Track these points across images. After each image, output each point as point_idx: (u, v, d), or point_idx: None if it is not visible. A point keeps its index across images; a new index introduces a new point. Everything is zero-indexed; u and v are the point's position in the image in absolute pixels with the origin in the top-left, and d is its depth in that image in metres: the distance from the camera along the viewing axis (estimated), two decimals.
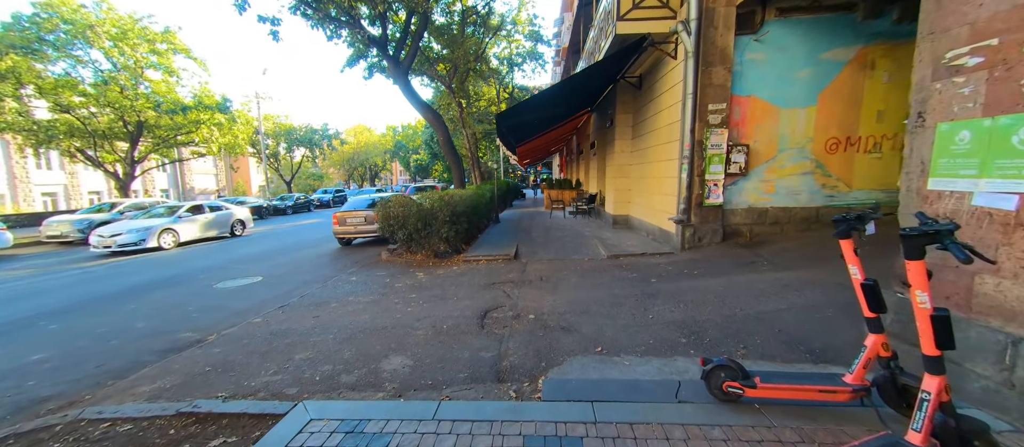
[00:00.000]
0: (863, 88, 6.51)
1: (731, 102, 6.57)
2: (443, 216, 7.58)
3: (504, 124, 7.75)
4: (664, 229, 7.80)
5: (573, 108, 11.17)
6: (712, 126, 6.59)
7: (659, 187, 8.16)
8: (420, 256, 7.90)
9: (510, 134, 9.28)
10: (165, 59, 17.42)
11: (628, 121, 10.30)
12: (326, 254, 9.71)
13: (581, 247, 8.18)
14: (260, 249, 11.03)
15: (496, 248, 8.35)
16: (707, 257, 6.35)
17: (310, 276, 7.22)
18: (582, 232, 10.22)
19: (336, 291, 5.93)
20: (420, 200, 7.68)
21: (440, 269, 7.05)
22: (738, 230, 6.94)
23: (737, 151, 6.70)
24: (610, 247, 7.85)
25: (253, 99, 27.79)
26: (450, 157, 12.40)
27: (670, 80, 7.42)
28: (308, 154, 34.92)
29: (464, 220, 8.32)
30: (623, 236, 9.18)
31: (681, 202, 6.86)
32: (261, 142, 27.54)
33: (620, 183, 10.59)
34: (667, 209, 7.63)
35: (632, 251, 7.35)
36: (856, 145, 6.65)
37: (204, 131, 18.82)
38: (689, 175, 6.73)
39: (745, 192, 6.85)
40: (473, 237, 10.01)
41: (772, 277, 4.99)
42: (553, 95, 7.78)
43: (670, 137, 7.49)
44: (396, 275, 6.76)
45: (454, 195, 8.38)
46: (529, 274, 6.29)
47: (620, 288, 5.24)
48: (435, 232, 7.66)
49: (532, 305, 4.77)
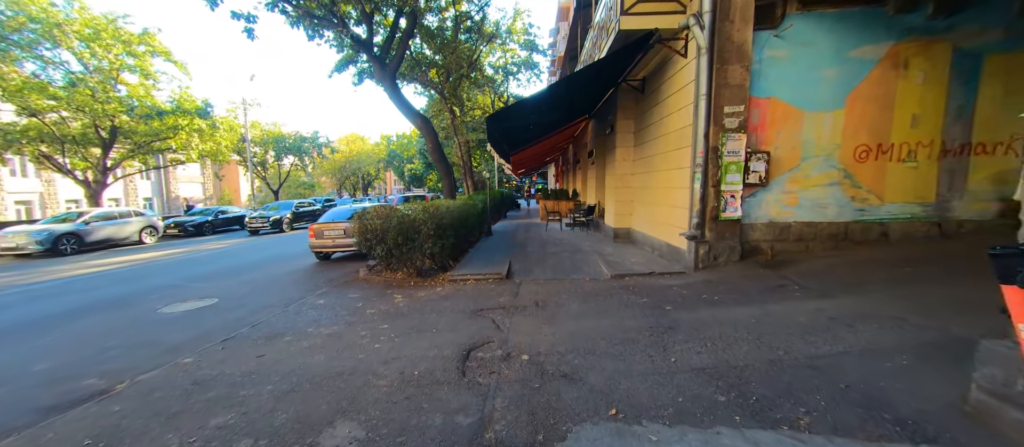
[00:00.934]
0: (895, 89, 5.85)
1: (749, 104, 5.88)
2: (427, 230, 6.76)
3: (496, 128, 7.00)
4: (673, 245, 7.03)
5: (570, 114, 10.47)
6: (728, 131, 5.88)
7: (666, 198, 7.41)
8: (401, 274, 7.04)
9: (503, 140, 8.52)
10: (142, 62, 16.55)
11: (630, 128, 9.60)
12: (300, 270, 8.80)
13: (581, 265, 7.37)
14: (231, 264, 10.10)
15: (487, 265, 7.51)
16: (726, 279, 5.57)
17: (273, 298, 6.32)
18: (581, 247, 9.43)
19: (296, 319, 5.05)
20: (402, 211, 6.86)
21: (422, 290, 6.19)
22: (758, 248, 6.18)
23: (756, 159, 5.98)
24: (613, 265, 7.05)
25: (240, 106, 26.93)
26: (440, 166, 11.63)
27: (679, 81, 6.73)
28: (297, 162, 33.97)
29: (451, 234, 7.50)
30: (626, 252, 8.39)
31: (694, 216, 6.10)
32: (248, 150, 26.60)
33: (621, 194, 9.85)
34: (676, 223, 6.87)
35: (638, 270, 6.55)
36: (888, 153, 5.97)
37: (183, 137, 17.90)
38: (703, 186, 5.99)
39: (765, 205, 6.11)
40: (462, 252, 9.17)
41: (811, 307, 4.20)
42: (549, 97, 7.08)
43: (679, 143, 6.77)
44: (371, 298, 5.89)
45: (440, 206, 7.57)
46: (523, 298, 5.46)
47: (630, 318, 4.42)
48: (418, 248, 6.83)
49: (526, 340, 3.94)
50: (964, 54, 5.71)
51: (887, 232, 6.07)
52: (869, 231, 6.07)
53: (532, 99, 6.99)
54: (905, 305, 3.95)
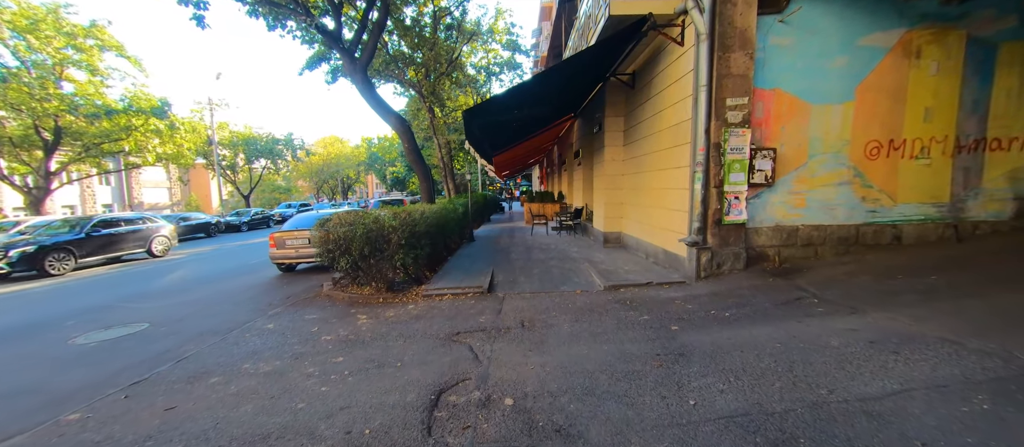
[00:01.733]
0: (907, 80, 5.40)
1: (753, 96, 5.33)
2: (397, 238, 5.97)
3: (475, 124, 6.30)
4: (670, 252, 6.44)
5: (554, 112, 9.84)
6: (732, 125, 5.31)
7: (661, 200, 6.83)
8: (369, 289, 6.22)
9: (483, 138, 7.81)
10: (89, 56, 15.13)
11: (619, 125, 9.03)
12: (258, 285, 7.86)
13: (570, 274, 6.71)
14: (181, 277, 9.04)
15: (466, 276, 6.77)
16: (733, 290, 4.98)
17: (215, 322, 5.42)
18: (569, 253, 8.78)
19: (233, 351, 4.20)
20: (371, 218, 6.05)
21: (391, 308, 5.41)
22: (763, 254, 5.64)
23: (762, 157, 5.44)
24: (606, 274, 6.41)
25: (206, 106, 25.40)
26: (417, 167, 10.82)
27: (675, 72, 6.16)
28: (270, 165, 32.36)
29: (427, 242, 6.73)
30: (618, 258, 7.78)
31: (695, 220, 5.51)
32: (214, 152, 25.07)
33: (611, 196, 9.26)
34: (673, 227, 6.29)
35: (634, 280, 5.92)
36: (900, 149, 5.51)
37: (138, 138, 16.50)
38: (704, 186, 5.40)
39: (771, 207, 5.58)
40: (440, 261, 8.40)
41: (841, 326, 3.63)
42: (532, 90, 6.41)
43: (675, 141, 6.19)
44: (329, 320, 5.07)
45: (414, 212, 6.79)
46: (507, 317, 4.74)
47: (632, 342, 3.76)
48: (387, 259, 6.03)
49: (510, 376, 3.22)
50: (979, 43, 5.31)
51: (900, 235, 5.61)
52: (881, 234, 5.61)
53: (513, 92, 6.31)
54: (949, 323, 3.41)
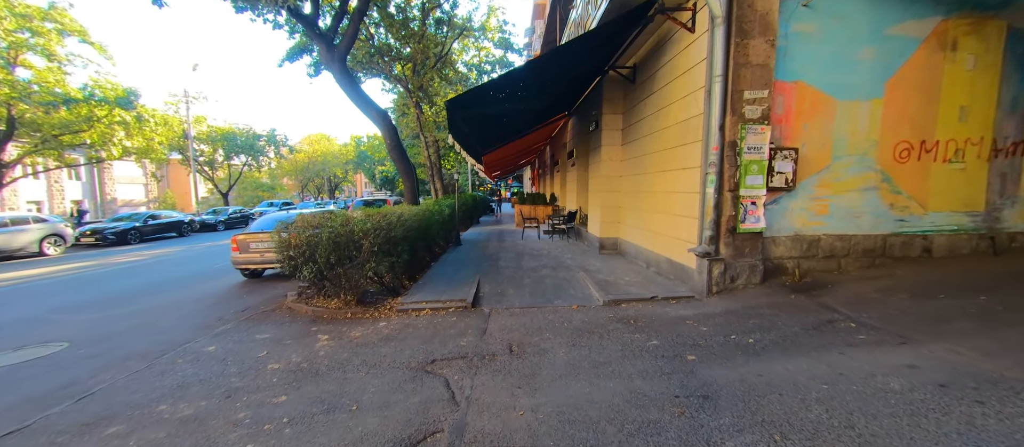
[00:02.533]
0: (941, 75, 4.87)
1: (773, 89, 4.74)
2: (370, 244, 5.23)
3: (459, 116, 5.60)
4: (676, 262, 5.81)
5: (547, 106, 9.19)
6: (749, 121, 4.71)
7: (666, 205, 6.21)
8: (336, 302, 5.46)
9: (471, 134, 7.11)
10: (47, 41, 13.99)
11: (617, 123, 8.41)
12: (215, 294, 7.02)
13: (565, 285, 6.04)
14: (133, 285, 8.13)
15: (449, 286, 6.05)
16: (752, 308, 4.36)
17: (150, 340, 4.60)
18: (563, 259, 8.12)
19: (155, 384, 3.42)
20: (339, 220, 5.29)
21: (359, 326, 4.67)
22: (781, 266, 5.04)
23: (782, 157, 4.84)
24: (604, 286, 5.76)
25: (182, 98, 24.18)
26: (399, 165, 10.06)
27: (683, 62, 5.55)
28: (252, 162, 31.09)
29: (405, 248, 6.00)
30: (616, 267, 7.14)
31: (706, 227, 4.89)
32: (190, 147, 23.85)
33: (608, 199, 8.63)
34: (680, 235, 5.67)
35: (637, 294, 5.28)
36: (932, 152, 4.98)
37: (101, 130, 15.37)
38: (718, 190, 4.79)
39: (790, 214, 4.99)
40: (422, 266, 7.66)
41: (895, 361, 3.01)
42: (524, 80, 5.74)
43: (683, 138, 5.58)
44: (283, 341, 4.31)
45: (391, 214, 6.05)
46: (493, 338, 4.05)
47: (643, 376, 3.10)
48: (358, 267, 5.28)
49: (494, 427, 2.53)
50: (1020, 35, 4.81)
51: (930, 247, 5.08)
52: (910, 246, 5.06)
53: (503, 81, 5.62)
54: None
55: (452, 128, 5.78)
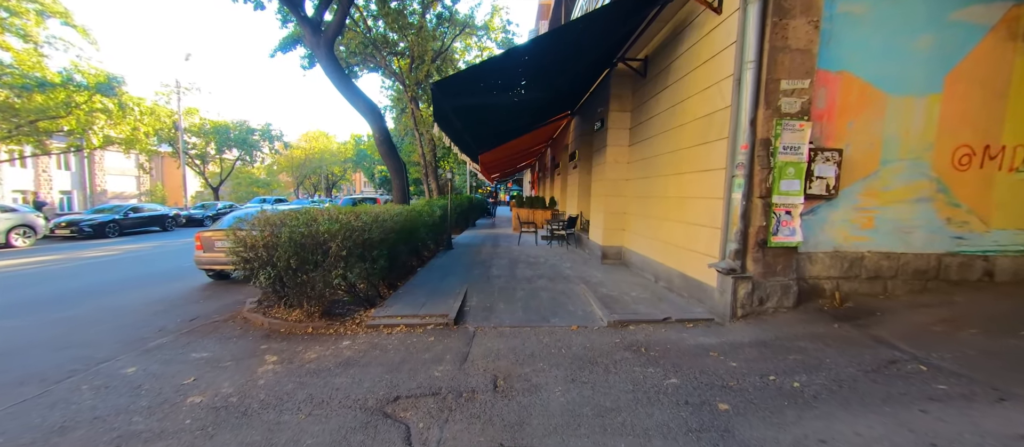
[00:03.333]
0: (1011, 70, 4.16)
1: (815, 80, 4.03)
2: (338, 247, 4.48)
3: (448, 104, 4.85)
4: (691, 278, 5.08)
5: (548, 100, 8.49)
6: (786, 116, 4.00)
7: (680, 212, 5.49)
8: (298, 313, 4.70)
9: (464, 129, 6.39)
10: (24, 21, 13.26)
11: (625, 121, 7.70)
12: (169, 297, 6.26)
13: (563, 299, 5.29)
14: (84, 283, 7.36)
15: (432, 297, 5.30)
16: (789, 339, 3.63)
17: (63, 356, 3.84)
18: (561, 269, 7.38)
19: (35, 422, 2.66)
20: (304, 219, 4.55)
21: (317, 345, 3.92)
22: (818, 287, 4.31)
23: (823, 159, 4.12)
24: (608, 302, 5.02)
25: (173, 89, 23.48)
26: (388, 162, 9.33)
27: (707, 48, 4.84)
28: (245, 157, 30.34)
29: (383, 252, 5.25)
30: (620, 279, 6.40)
31: (731, 239, 4.17)
32: (180, 139, 23.11)
33: (613, 204, 7.91)
34: (697, 246, 4.94)
35: (647, 314, 4.54)
36: (998, 158, 4.27)
37: (80, 117, 14.62)
38: (746, 196, 4.07)
39: (829, 226, 4.26)
40: (407, 272, 6.92)
41: (1002, 427, 2.27)
42: (520, 64, 4.98)
43: (704, 136, 4.86)
44: (221, 362, 3.56)
45: (367, 215, 5.32)
46: (474, 367, 3.31)
47: (665, 436, 2.36)
48: (324, 274, 4.53)
49: None
50: None
51: (992, 270, 4.35)
52: (969, 268, 4.34)
53: (496, 65, 4.88)
54: None
55: (439, 117, 5.04)
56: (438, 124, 5.05)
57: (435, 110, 4.89)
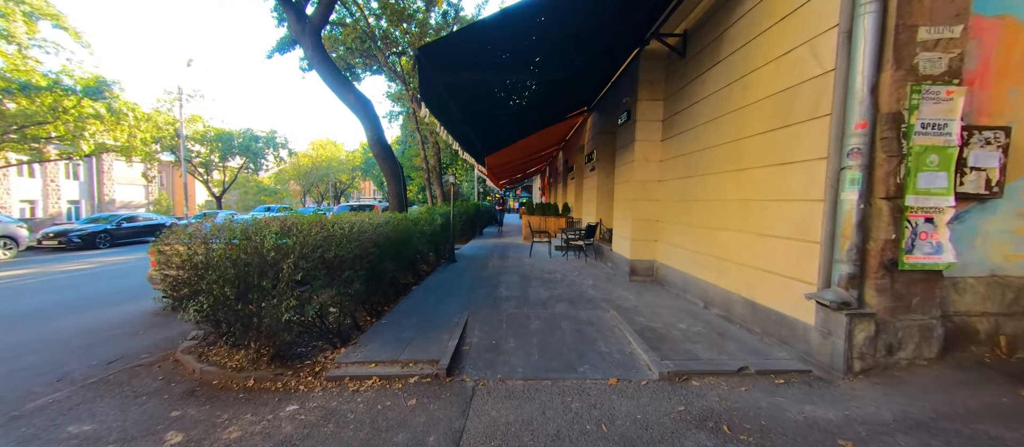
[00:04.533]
0: None
1: (968, 28, 2.77)
2: (290, 269, 3.32)
3: (439, 80, 3.68)
4: (766, 308, 3.79)
5: (563, 81, 7.32)
6: (927, 80, 2.74)
7: (746, 219, 4.23)
8: (242, 356, 3.55)
9: (465, 117, 5.24)
10: (10, 22, 12.65)
11: (656, 112, 6.48)
12: (110, 325, 5.18)
13: (592, 334, 4.04)
14: (39, 303, 6.36)
15: (422, 330, 4.11)
16: (959, 417, 2.33)
17: None
18: (583, 288, 6.13)
19: None
20: (240, 231, 3.42)
21: (247, 414, 2.75)
22: (968, 328, 3.00)
23: (982, 143, 2.85)
24: (653, 339, 3.76)
25: (176, 95, 23.02)
26: (382, 163, 8.25)
27: (784, 1, 3.61)
28: (250, 165, 29.82)
29: (360, 273, 4.08)
30: (657, 302, 5.13)
31: (843, 259, 2.89)
32: (182, 146, 22.56)
33: (642, 210, 6.66)
34: (774, 265, 3.67)
35: (712, 361, 3.27)
36: None
37: (70, 122, 13.95)
38: (864, 196, 2.80)
39: (985, 239, 2.97)
40: (395, 293, 5.76)
41: None
42: (531, 25, 3.74)
43: (785, 116, 3.61)
44: (102, 442, 2.41)
45: (340, 224, 4.18)
46: None
47: None
48: (272, 306, 3.37)
49: None
50: None
51: None
52: None
53: (500, 24, 3.66)
54: None
55: (428, 96, 3.86)
56: (427, 106, 3.88)
57: (422, 86, 3.73)
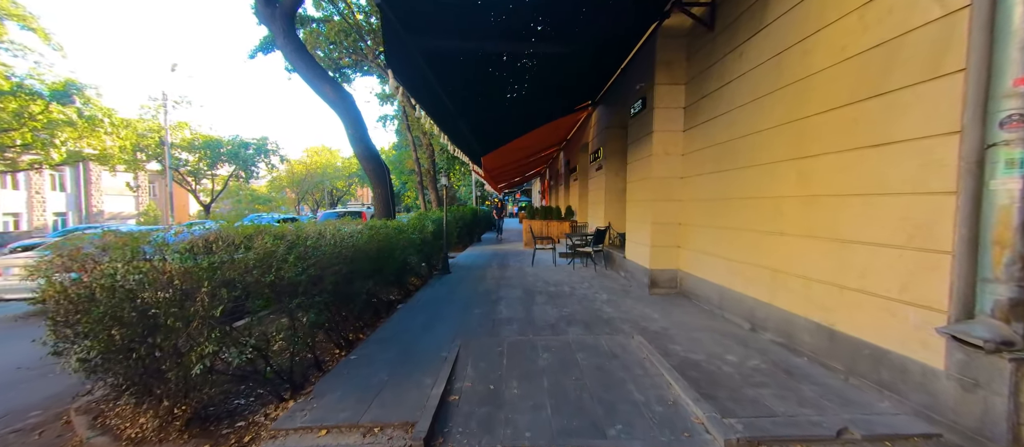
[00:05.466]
0: None
1: None
2: (206, 304, 2.39)
3: (415, 44, 2.76)
4: (850, 337, 2.85)
5: (573, 52, 6.44)
6: None
7: (811, 221, 3.31)
8: (150, 417, 2.61)
9: (454, 106, 4.34)
10: None
11: (678, 98, 5.59)
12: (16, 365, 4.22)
13: (618, 373, 3.10)
14: None
15: (397, 371, 3.16)
16: None
17: None
18: (597, 304, 5.19)
19: None
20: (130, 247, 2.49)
21: None
22: None
23: None
24: (701, 384, 2.82)
25: (161, 101, 22.16)
26: (365, 164, 7.36)
27: None
28: (240, 173, 28.89)
29: (320, 299, 3.14)
30: (689, 322, 4.19)
31: (1003, 277, 1.96)
32: (167, 155, 21.64)
33: (662, 211, 5.74)
34: (865, 282, 2.74)
35: (799, 422, 2.34)
36: None
37: (37, 129, 13.04)
38: None
39: None
40: (372, 317, 4.82)
41: None
42: None
43: (876, 84, 2.70)
44: None
45: (294, 235, 3.25)
46: None
47: None
48: (173, 361, 2.43)
49: None
50: None
51: None
52: None
53: None
54: None
55: (398, 66, 2.92)
56: (397, 77, 2.92)
57: (389, 52, 2.75)
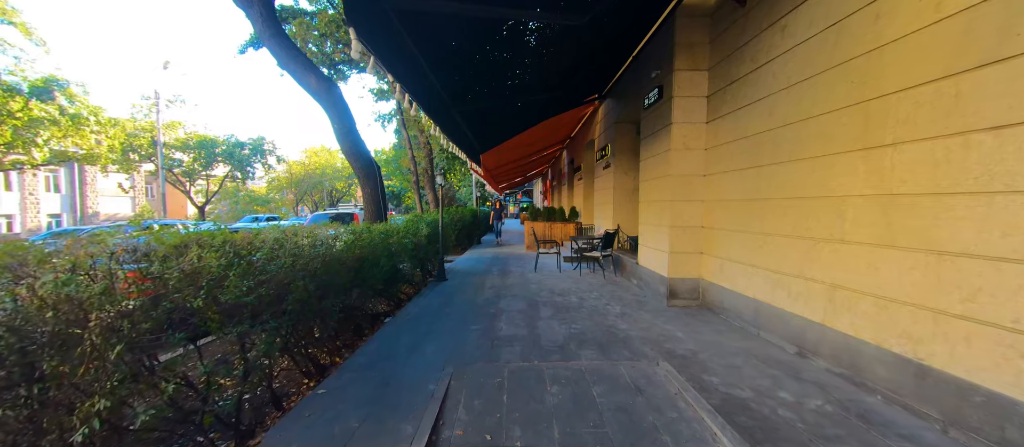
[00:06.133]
0: None
1: None
2: (96, 337, 1.76)
3: (389, 2, 2.20)
4: (957, 379, 2.20)
5: (584, 23, 5.81)
6: None
7: (884, 226, 2.67)
8: None
9: (444, 90, 3.72)
10: None
11: (700, 85, 4.96)
12: None
13: (643, 416, 2.47)
14: None
15: (368, 418, 2.53)
16: None
17: None
18: (610, 319, 4.56)
19: None
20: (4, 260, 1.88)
21: None
22: None
23: None
24: (754, 435, 2.19)
25: (153, 100, 21.63)
26: (352, 162, 6.75)
27: None
28: (236, 174, 28.33)
29: (280, 322, 2.52)
30: (723, 343, 3.55)
31: None
32: (159, 155, 21.10)
33: (682, 213, 5.11)
34: (985, 310, 2.09)
35: None
36: None
37: (17, 127, 12.48)
38: None
39: None
40: (353, 334, 4.20)
41: None
42: None
43: (992, 46, 2.07)
44: None
45: (242, 250, 2.63)
46: None
47: None
48: (71, 412, 1.80)
49: None
50: None
51: None
52: None
53: None
54: None
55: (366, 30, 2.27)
56: (359, 36, 2.23)
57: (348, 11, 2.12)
